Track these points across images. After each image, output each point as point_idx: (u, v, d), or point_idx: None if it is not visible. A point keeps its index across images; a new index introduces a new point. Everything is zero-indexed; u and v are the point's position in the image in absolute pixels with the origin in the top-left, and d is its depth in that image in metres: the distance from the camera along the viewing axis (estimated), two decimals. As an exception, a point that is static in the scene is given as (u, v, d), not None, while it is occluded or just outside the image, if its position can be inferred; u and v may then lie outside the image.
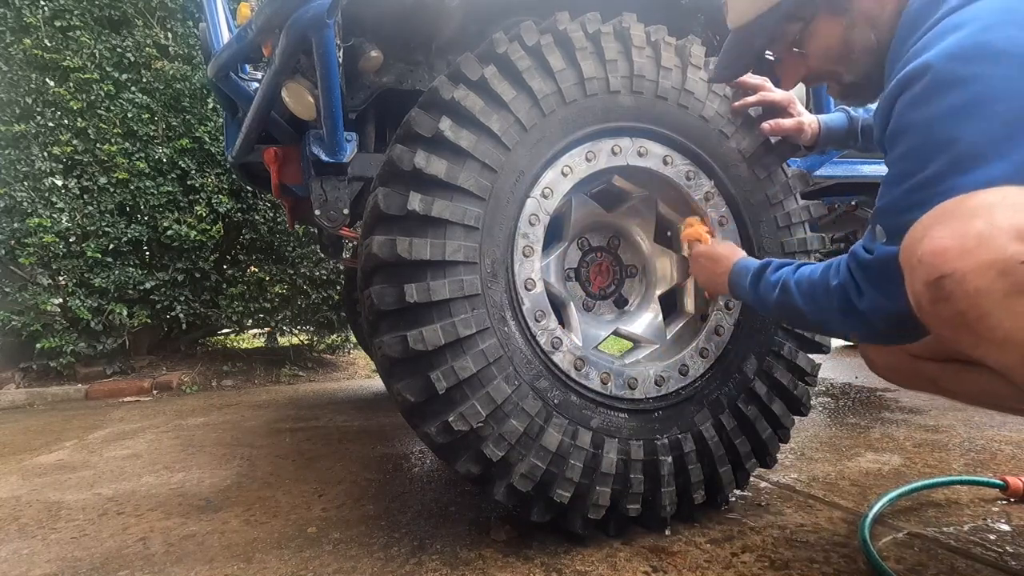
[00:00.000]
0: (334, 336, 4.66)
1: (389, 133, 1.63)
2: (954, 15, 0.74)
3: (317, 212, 1.43)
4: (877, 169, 1.88)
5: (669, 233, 1.40)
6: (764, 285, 0.99)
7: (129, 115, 3.66)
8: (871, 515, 1.18)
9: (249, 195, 3.99)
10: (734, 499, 1.37)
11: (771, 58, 1.19)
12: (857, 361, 3.85)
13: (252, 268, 4.13)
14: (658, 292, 1.36)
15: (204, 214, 3.79)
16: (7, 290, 3.50)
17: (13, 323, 3.46)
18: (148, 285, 3.70)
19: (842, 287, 0.84)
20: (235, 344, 4.98)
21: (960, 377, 0.96)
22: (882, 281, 0.78)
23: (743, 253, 1.12)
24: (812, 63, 0.98)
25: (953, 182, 0.69)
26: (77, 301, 3.52)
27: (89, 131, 3.59)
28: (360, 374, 4.34)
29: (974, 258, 0.61)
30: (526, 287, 1.12)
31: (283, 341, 4.67)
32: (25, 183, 3.47)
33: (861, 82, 0.95)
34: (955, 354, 0.95)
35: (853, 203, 2.33)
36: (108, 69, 3.65)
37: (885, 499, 1.27)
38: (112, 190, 3.62)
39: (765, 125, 1.25)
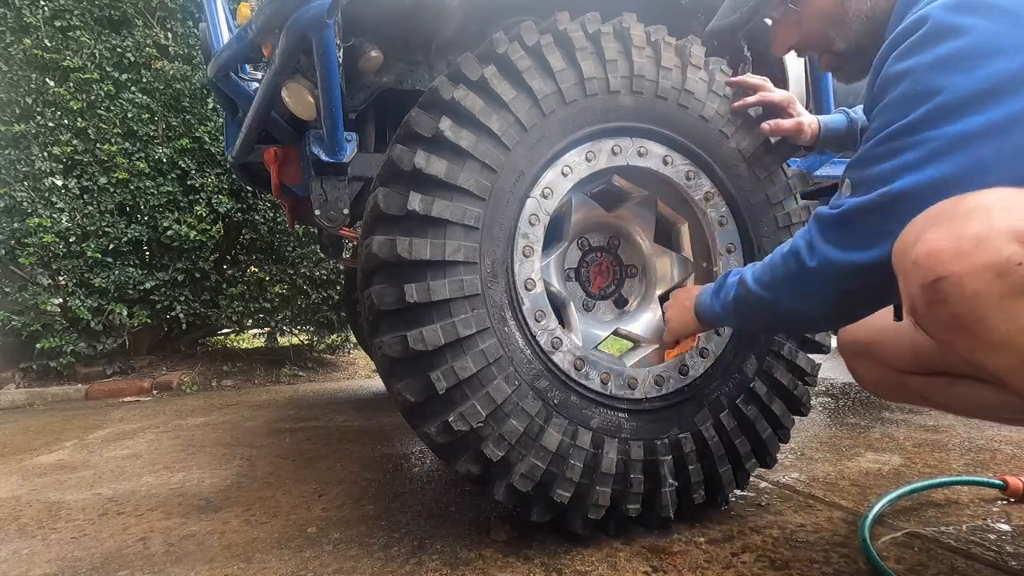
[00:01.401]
0: (334, 336, 4.66)
1: (389, 133, 1.63)
2: None
3: (317, 212, 1.43)
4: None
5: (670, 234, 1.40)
6: (724, 289, 0.98)
7: (129, 115, 3.66)
8: (871, 515, 1.18)
9: (249, 195, 3.99)
10: (734, 499, 1.37)
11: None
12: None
13: (252, 268, 4.13)
14: (658, 292, 1.36)
15: (204, 214, 3.79)
16: (7, 290, 3.50)
17: (13, 323, 3.46)
18: (148, 285, 3.70)
19: (794, 250, 0.82)
20: (235, 344, 4.98)
21: (948, 390, 0.96)
22: (838, 233, 0.77)
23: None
24: (806, 24, 0.97)
25: (926, 133, 0.69)
26: (77, 301, 3.52)
27: (89, 131, 3.59)
28: (360, 374, 4.34)
29: (971, 260, 0.60)
30: (526, 287, 1.12)
31: (283, 341, 4.67)
32: (25, 183, 3.47)
33: (852, 52, 0.94)
34: (942, 367, 0.95)
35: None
36: (108, 69, 3.65)
37: (885, 499, 1.27)
38: (112, 190, 3.63)
39: (764, 125, 1.25)
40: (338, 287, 4.28)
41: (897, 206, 0.71)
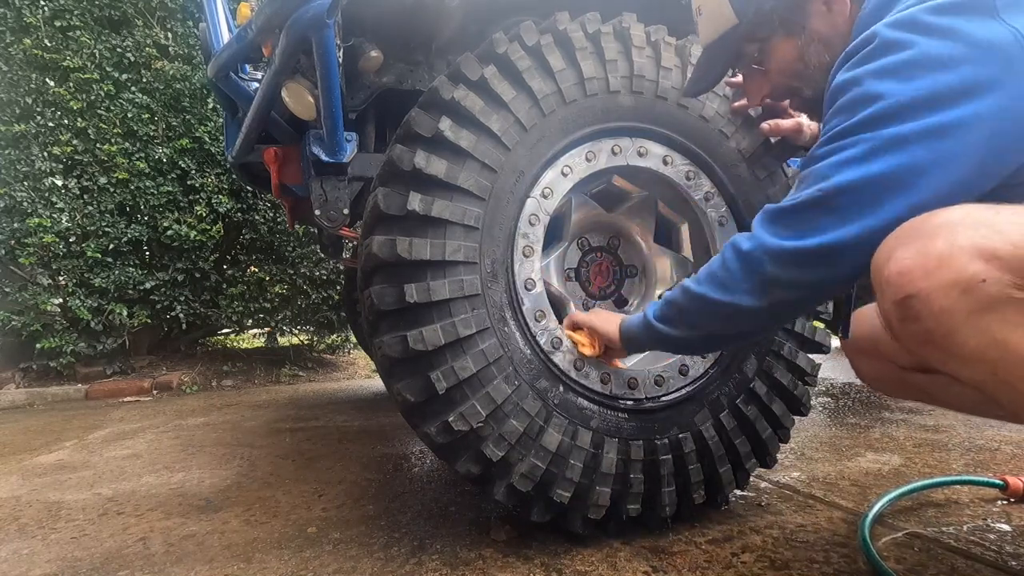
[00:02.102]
0: (334, 336, 4.66)
1: (389, 133, 1.63)
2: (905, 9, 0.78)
3: (317, 212, 1.43)
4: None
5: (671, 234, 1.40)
6: (660, 304, 0.97)
7: (129, 115, 3.66)
8: (871, 515, 1.18)
9: (249, 195, 3.99)
10: (734, 499, 1.37)
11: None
12: (857, 361, 3.84)
13: (252, 268, 4.13)
14: (658, 292, 1.36)
15: (204, 214, 3.79)
16: (7, 290, 3.50)
17: (13, 323, 3.46)
18: (148, 285, 3.70)
19: (733, 241, 0.86)
20: (235, 344, 4.98)
21: (949, 387, 0.96)
22: (776, 224, 0.80)
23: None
24: (773, 79, 1.03)
25: (864, 134, 0.73)
26: (77, 301, 3.52)
27: (89, 131, 3.59)
28: (360, 374, 4.34)
29: (936, 278, 0.62)
30: (526, 287, 1.12)
31: (283, 341, 4.67)
32: (25, 183, 3.47)
33: (820, 97, 0.97)
34: None
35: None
36: (108, 69, 3.65)
37: (885, 499, 1.27)
38: (112, 190, 3.63)
39: (764, 125, 1.25)
40: (338, 287, 4.27)
41: (832, 199, 0.75)
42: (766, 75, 1.03)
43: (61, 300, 3.56)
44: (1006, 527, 1.20)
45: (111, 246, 3.60)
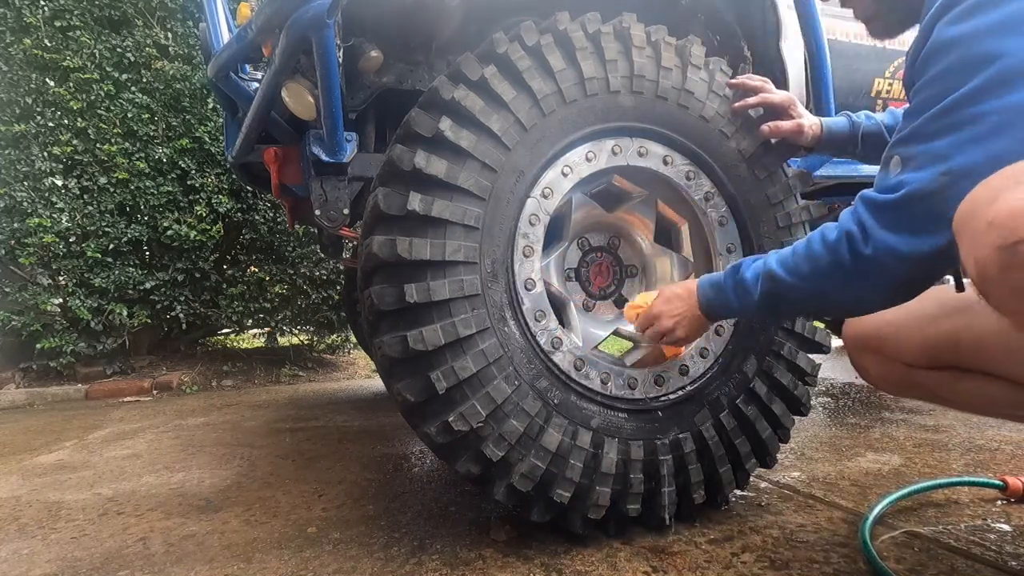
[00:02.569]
0: (334, 336, 4.66)
1: (389, 133, 1.63)
2: None
3: (317, 212, 1.43)
4: (877, 170, 1.88)
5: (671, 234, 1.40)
6: (741, 281, 0.92)
7: (129, 115, 3.66)
8: (871, 516, 1.18)
9: (249, 195, 3.99)
10: (734, 499, 1.37)
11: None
12: (857, 361, 3.84)
13: (252, 268, 4.13)
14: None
15: (204, 214, 3.79)
16: (7, 290, 3.50)
17: (13, 323, 3.46)
18: (148, 285, 3.70)
19: (844, 237, 0.76)
20: (235, 344, 4.97)
21: (955, 385, 0.95)
22: (895, 219, 0.71)
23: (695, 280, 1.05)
24: None
25: (988, 104, 0.64)
26: (77, 301, 3.52)
27: (89, 131, 3.59)
28: (360, 374, 4.34)
29: None
30: (526, 287, 1.13)
31: (283, 341, 4.67)
32: (25, 183, 3.47)
33: (895, 5, 0.88)
34: (950, 362, 0.94)
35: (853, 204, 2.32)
36: (108, 69, 3.65)
37: (886, 501, 1.27)
38: (112, 190, 3.62)
39: (764, 127, 1.25)
40: (338, 287, 4.27)
41: (959, 185, 0.65)
42: None
43: (61, 300, 3.56)
44: (1006, 527, 1.20)
45: (111, 246, 3.60)
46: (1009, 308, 0.61)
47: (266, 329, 4.42)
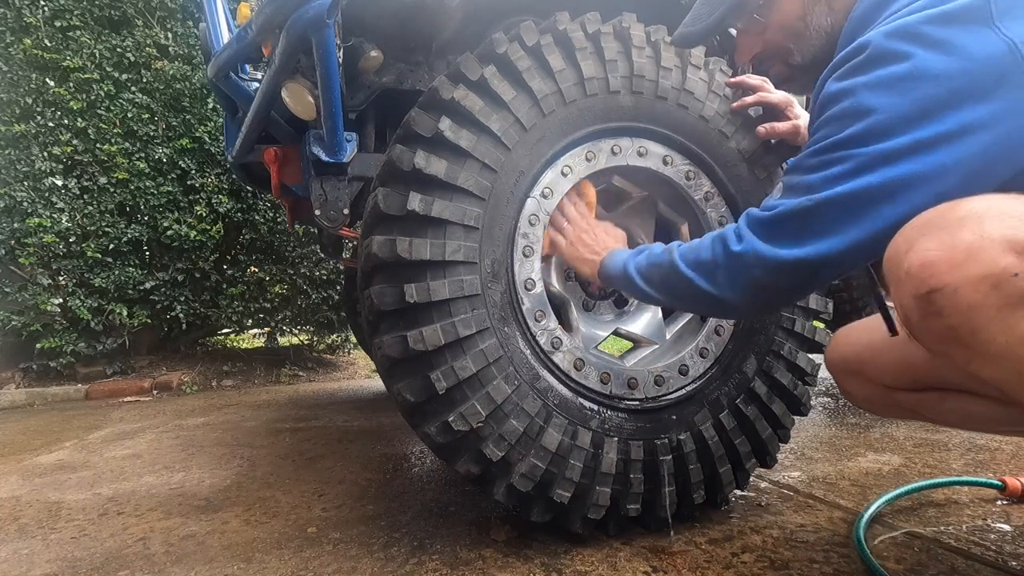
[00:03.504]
0: (334, 336, 4.66)
1: (389, 133, 1.63)
2: (902, 11, 0.77)
3: (317, 212, 1.43)
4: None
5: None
6: (647, 256, 1.01)
7: (129, 115, 3.66)
8: (866, 516, 1.18)
9: (249, 195, 3.99)
10: (734, 499, 1.37)
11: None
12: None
13: (252, 268, 4.13)
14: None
15: (204, 214, 3.79)
16: (7, 290, 3.50)
17: (13, 323, 3.46)
18: (148, 285, 3.70)
19: (722, 237, 0.87)
20: (235, 344, 4.98)
21: (939, 405, 0.96)
22: (766, 230, 0.82)
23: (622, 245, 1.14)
24: (769, 35, 1.00)
25: (855, 149, 0.73)
26: (77, 301, 3.52)
27: (89, 131, 3.59)
28: (360, 374, 4.34)
29: (965, 272, 0.59)
30: (526, 287, 1.13)
31: (283, 341, 4.67)
32: (25, 183, 3.47)
33: (807, 66, 0.97)
34: (932, 382, 0.95)
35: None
36: (108, 69, 3.65)
37: (882, 500, 1.27)
38: (112, 190, 3.62)
39: (760, 128, 1.25)
40: (338, 287, 4.27)
41: (819, 212, 0.76)
42: (762, 30, 1.01)
43: (61, 300, 3.56)
44: (1006, 527, 1.20)
45: (111, 246, 3.60)
46: (935, 350, 0.67)
47: (266, 329, 4.42)
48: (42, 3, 3.53)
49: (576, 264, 1.16)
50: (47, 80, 3.55)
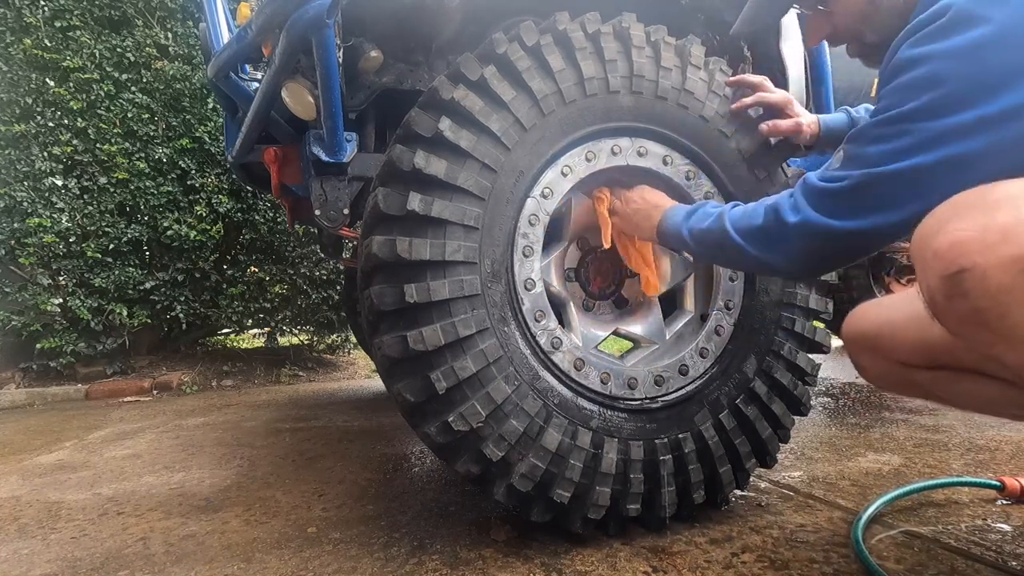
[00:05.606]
0: (334, 336, 4.66)
1: (389, 133, 1.63)
2: None
3: (317, 212, 1.43)
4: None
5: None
6: (699, 217, 1.04)
7: (129, 115, 3.66)
8: (865, 516, 1.18)
9: (249, 195, 3.99)
10: (734, 499, 1.37)
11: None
12: (857, 361, 3.84)
13: (252, 268, 4.13)
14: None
15: (204, 214, 3.79)
16: (7, 290, 3.50)
17: (13, 323, 3.46)
18: (148, 285, 3.70)
19: (776, 206, 0.88)
20: (235, 344, 4.98)
21: (952, 385, 0.95)
22: (821, 202, 0.82)
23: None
24: (837, 20, 0.99)
25: (923, 123, 0.72)
26: (77, 301, 3.52)
27: (89, 131, 3.59)
28: (360, 374, 4.34)
29: (997, 253, 0.57)
30: (526, 287, 1.12)
31: (283, 341, 4.67)
32: (25, 183, 3.47)
33: (883, 44, 0.94)
34: (947, 362, 0.94)
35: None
36: (108, 69, 3.65)
37: (881, 500, 1.27)
38: (112, 190, 3.62)
39: (763, 126, 1.25)
40: (338, 287, 4.27)
41: (876, 186, 0.77)
42: (830, 15, 0.99)
43: (61, 300, 3.56)
44: (1006, 527, 1.20)
45: (111, 246, 3.60)
46: (957, 332, 0.66)
47: (266, 329, 4.42)
48: (42, 3, 3.53)
49: (638, 231, 1.18)
50: (47, 80, 3.55)
